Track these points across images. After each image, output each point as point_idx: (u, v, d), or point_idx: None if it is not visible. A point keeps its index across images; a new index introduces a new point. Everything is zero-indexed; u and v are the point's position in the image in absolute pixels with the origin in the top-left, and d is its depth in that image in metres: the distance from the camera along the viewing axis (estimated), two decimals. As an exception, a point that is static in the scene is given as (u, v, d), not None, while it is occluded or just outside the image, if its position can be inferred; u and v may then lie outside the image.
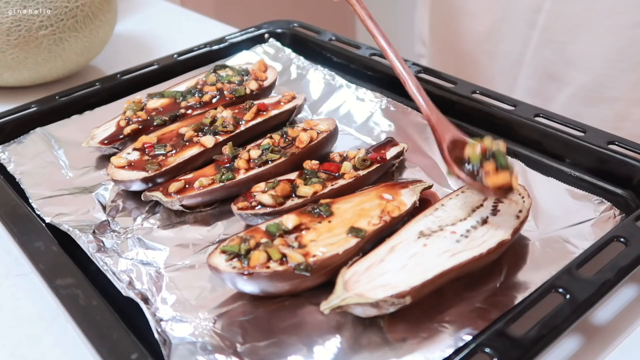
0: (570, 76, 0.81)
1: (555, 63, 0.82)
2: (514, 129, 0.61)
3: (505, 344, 0.38)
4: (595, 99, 0.79)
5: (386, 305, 0.41)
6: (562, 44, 0.80)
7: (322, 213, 0.49)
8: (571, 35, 0.78)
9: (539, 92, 0.85)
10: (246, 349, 0.41)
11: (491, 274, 0.46)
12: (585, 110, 0.77)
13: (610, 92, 0.78)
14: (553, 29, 0.80)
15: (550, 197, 0.53)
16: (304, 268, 0.44)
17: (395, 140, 0.60)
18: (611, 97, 0.78)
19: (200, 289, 0.47)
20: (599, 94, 0.79)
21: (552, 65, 0.82)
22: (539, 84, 0.85)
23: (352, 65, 0.75)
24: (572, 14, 0.78)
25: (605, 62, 0.77)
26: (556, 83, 0.83)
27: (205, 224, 0.54)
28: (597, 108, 0.79)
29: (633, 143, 0.55)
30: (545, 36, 0.81)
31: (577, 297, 0.41)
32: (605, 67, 0.77)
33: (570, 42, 0.79)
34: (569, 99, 0.82)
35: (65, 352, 0.45)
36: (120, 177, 0.56)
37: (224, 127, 0.60)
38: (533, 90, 0.85)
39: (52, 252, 0.48)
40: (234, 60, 0.77)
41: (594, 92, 0.79)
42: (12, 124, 0.66)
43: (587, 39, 0.77)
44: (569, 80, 0.81)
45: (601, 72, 0.78)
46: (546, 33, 0.81)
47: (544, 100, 0.84)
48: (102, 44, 0.82)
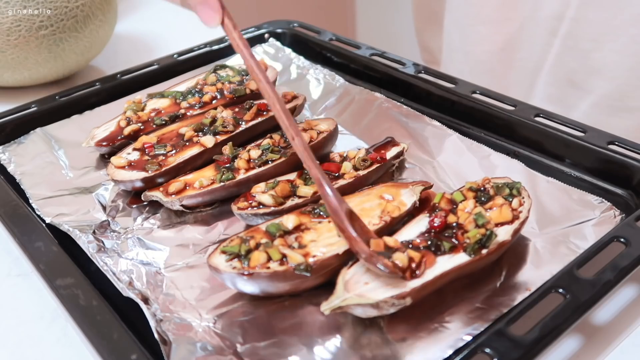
0: (592, 85, 0.80)
1: (578, 71, 0.80)
2: (514, 129, 0.61)
3: (505, 344, 0.38)
4: (618, 109, 0.78)
5: (386, 306, 0.41)
6: (585, 52, 0.79)
7: (322, 213, 0.49)
8: (595, 44, 0.77)
9: (559, 99, 0.84)
10: (246, 349, 0.41)
11: (491, 274, 0.46)
12: (607, 120, 0.76)
13: (633, 102, 0.77)
14: (576, 36, 0.79)
15: (550, 197, 0.53)
16: (304, 268, 0.44)
17: (395, 140, 0.60)
18: (634, 107, 0.77)
19: (200, 289, 0.47)
20: (621, 103, 0.78)
21: (574, 74, 0.81)
22: (559, 92, 0.84)
23: (352, 65, 0.75)
24: (596, 21, 0.76)
25: (630, 71, 0.76)
26: (578, 91, 0.81)
27: (205, 224, 0.54)
28: (619, 118, 0.78)
29: (633, 143, 0.55)
30: (567, 43, 0.80)
31: (577, 298, 0.41)
32: (629, 76, 0.76)
33: (593, 50, 0.78)
34: (590, 108, 0.81)
35: (65, 352, 0.45)
36: (120, 177, 0.56)
37: (224, 127, 0.60)
38: (553, 97, 0.84)
39: (52, 252, 0.48)
40: (234, 60, 0.77)
41: (616, 101, 0.78)
42: (12, 124, 0.66)
43: (611, 48, 0.76)
44: (591, 88, 0.80)
45: (625, 81, 0.77)
46: (569, 40, 0.80)
47: (565, 108, 0.82)
48: (102, 44, 0.82)
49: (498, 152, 0.58)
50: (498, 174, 0.55)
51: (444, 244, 0.45)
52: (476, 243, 0.45)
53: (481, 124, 0.63)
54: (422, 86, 0.68)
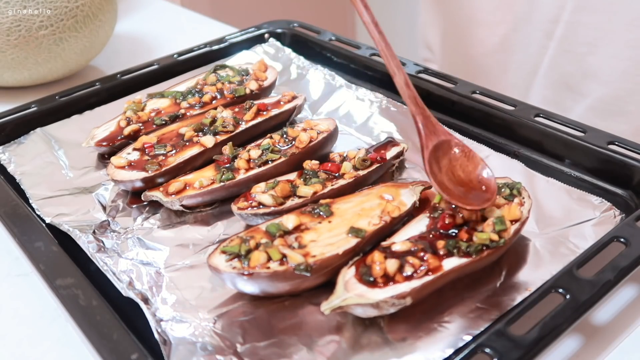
0: (588, 88, 0.80)
1: (573, 74, 0.80)
2: (514, 129, 0.61)
3: (505, 344, 0.38)
4: (613, 113, 0.78)
5: (386, 306, 0.41)
6: (580, 55, 0.79)
7: (322, 213, 0.49)
8: (590, 47, 0.77)
9: (555, 102, 0.84)
10: (246, 349, 0.41)
11: (491, 274, 0.46)
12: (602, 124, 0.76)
13: (628, 106, 0.77)
14: (571, 40, 0.79)
15: (550, 197, 0.53)
16: (304, 268, 0.44)
17: (395, 140, 0.60)
18: (629, 111, 0.77)
19: (200, 289, 0.47)
20: (616, 107, 0.78)
21: (570, 77, 0.81)
22: (555, 95, 0.84)
23: (352, 65, 0.75)
24: (591, 25, 0.76)
25: (624, 75, 0.76)
26: (573, 94, 0.82)
27: (205, 224, 0.54)
28: (614, 122, 0.78)
29: (633, 143, 0.55)
30: (563, 47, 0.80)
31: (577, 298, 0.41)
32: (623, 80, 0.76)
33: (588, 54, 0.78)
34: (585, 111, 0.81)
35: (65, 352, 0.45)
36: (120, 177, 0.56)
37: (224, 127, 0.60)
38: (549, 100, 0.85)
39: (52, 252, 0.48)
40: (234, 60, 0.77)
41: (611, 105, 0.78)
42: (12, 124, 0.66)
43: (606, 52, 0.76)
44: (586, 92, 0.80)
45: (620, 85, 0.77)
46: (564, 44, 0.80)
47: (560, 111, 0.82)
48: (102, 44, 0.82)
49: (498, 152, 0.58)
50: (498, 174, 0.54)
51: (449, 244, 0.45)
52: (480, 244, 0.44)
53: (481, 124, 0.63)
54: (422, 86, 0.68)
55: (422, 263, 0.43)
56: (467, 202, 0.46)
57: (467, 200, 0.46)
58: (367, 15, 0.51)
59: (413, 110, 0.50)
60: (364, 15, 0.51)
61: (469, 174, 0.49)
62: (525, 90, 0.87)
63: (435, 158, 0.49)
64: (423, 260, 0.43)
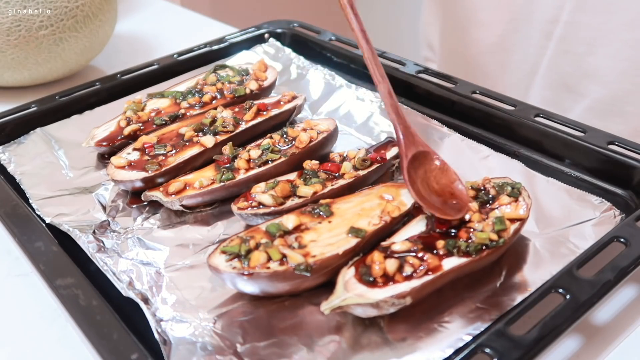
0: (586, 89, 0.80)
1: (572, 75, 0.80)
2: (514, 129, 0.61)
3: (505, 344, 0.38)
4: (612, 113, 0.78)
5: (386, 306, 0.41)
6: (579, 55, 0.79)
7: (322, 213, 0.49)
8: (589, 47, 0.77)
9: (554, 103, 0.84)
10: (246, 349, 0.41)
11: (491, 274, 0.46)
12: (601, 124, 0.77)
13: (627, 107, 0.77)
14: (570, 40, 0.79)
15: (550, 197, 0.53)
16: (304, 268, 0.44)
17: (395, 140, 0.60)
18: (628, 111, 0.77)
19: (200, 289, 0.47)
20: (615, 107, 0.78)
21: (569, 77, 0.81)
22: (554, 95, 0.84)
23: (352, 65, 0.75)
24: (590, 26, 0.76)
25: (623, 76, 0.76)
26: (572, 95, 0.81)
27: (205, 224, 0.54)
28: (613, 122, 0.78)
29: (633, 143, 0.55)
30: (561, 47, 0.80)
31: (577, 298, 0.41)
32: (622, 81, 0.76)
33: (587, 54, 0.78)
34: (584, 112, 0.81)
35: (65, 352, 0.45)
36: (120, 177, 0.56)
37: (224, 127, 0.60)
38: (548, 100, 0.84)
39: (52, 252, 0.48)
40: (234, 60, 0.77)
41: (610, 105, 0.78)
42: (12, 124, 0.66)
43: (605, 52, 0.76)
44: (585, 92, 0.80)
45: (618, 85, 0.77)
46: (563, 44, 0.80)
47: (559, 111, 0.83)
48: (102, 44, 0.82)
49: (498, 152, 0.58)
50: (498, 174, 0.55)
51: (449, 243, 0.45)
52: (480, 244, 0.45)
53: (481, 124, 0.63)
54: (422, 86, 0.68)
55: (422, 263, 0.43)
56: (442, 211, 0.47)
57: (442, 209, 0.47)
58: (356, 23, 0.52)
59: (394, 119, 0.52)
60: (352, 23, 0.53)
61: (442, 186, 0.50)
62: (524, 91, 0.87)
63: (413, 167, 0.50)
64: (423, 260, 0.43)
